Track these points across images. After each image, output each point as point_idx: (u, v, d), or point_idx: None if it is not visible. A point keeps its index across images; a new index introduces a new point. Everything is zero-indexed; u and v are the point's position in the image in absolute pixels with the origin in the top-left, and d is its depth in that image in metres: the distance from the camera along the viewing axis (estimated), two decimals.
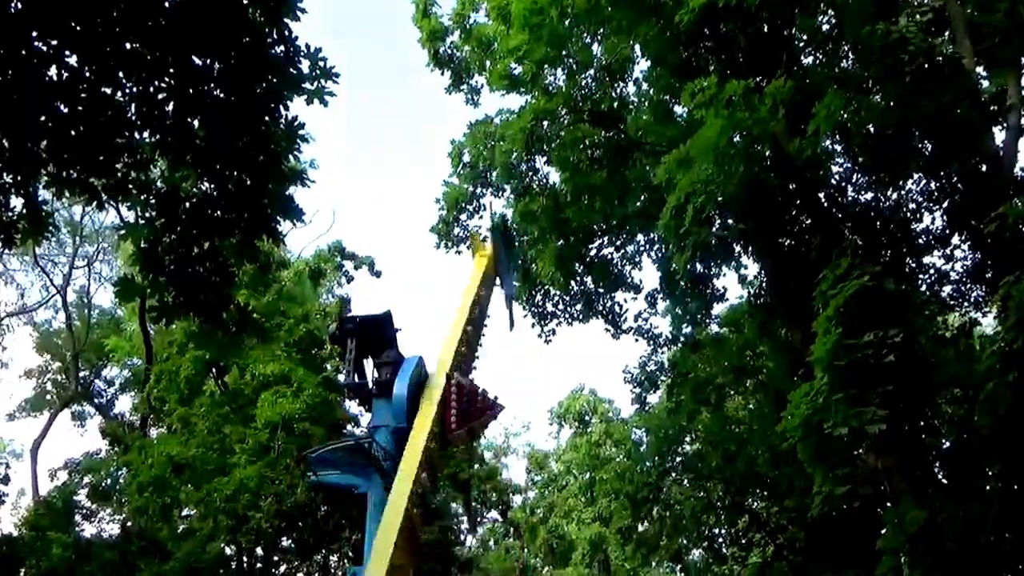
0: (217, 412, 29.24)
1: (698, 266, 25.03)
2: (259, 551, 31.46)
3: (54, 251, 40.66)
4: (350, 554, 29.71)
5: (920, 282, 19.83)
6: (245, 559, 31.17)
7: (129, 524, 28.92)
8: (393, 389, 18.14)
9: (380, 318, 19.40)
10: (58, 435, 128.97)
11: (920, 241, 20.23)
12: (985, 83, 18.84)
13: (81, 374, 42.50)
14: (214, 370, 31.49)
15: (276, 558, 32.38)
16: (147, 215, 7.01)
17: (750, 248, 23.29)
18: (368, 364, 19.28)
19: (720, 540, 25.96)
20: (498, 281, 25.52)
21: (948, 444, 15.86)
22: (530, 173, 27.51)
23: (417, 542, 17.17)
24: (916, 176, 19.80)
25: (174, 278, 6.91)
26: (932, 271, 20.45)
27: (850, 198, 20.83)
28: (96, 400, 44.02)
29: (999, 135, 17.60)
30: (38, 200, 6.95)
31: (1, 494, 29.61)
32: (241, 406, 29.22)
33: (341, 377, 25.66)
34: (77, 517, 29.97)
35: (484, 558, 45.48)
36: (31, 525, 27.70)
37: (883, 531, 14.22)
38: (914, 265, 20.04)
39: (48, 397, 44.31)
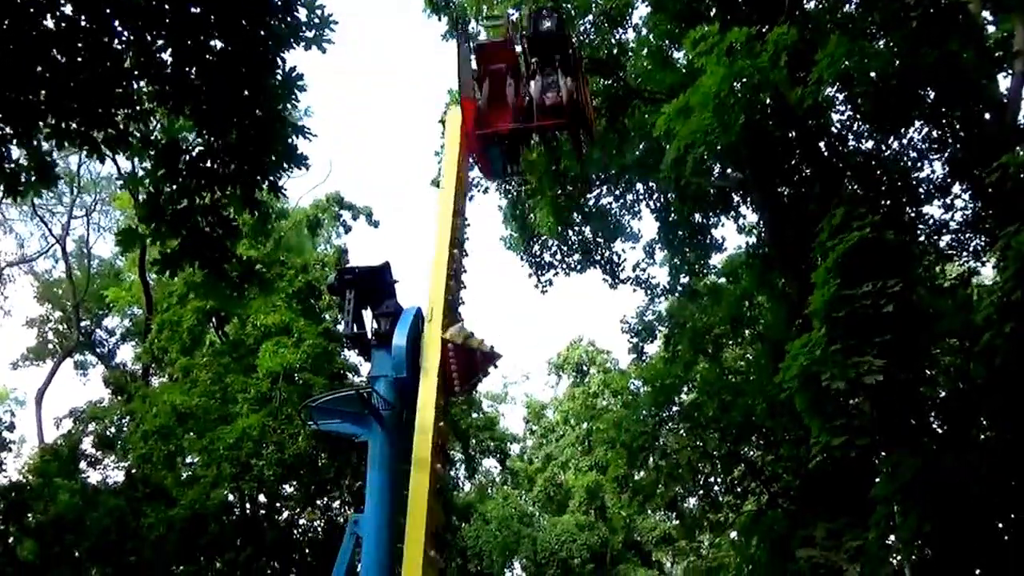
0: (219, 362, 29.43)
1: (697, 216, 25.07)
2: (262, 498, 31.88)
3: (52, 201, 40.53)
4: (351, 501, 30.10)
5: (919, 232, 19.81)
6: (248, 506, 31.60)
7: (134, 472, 29.22)
8: (392, 340, 18.13)
9: (379, 269, 19.27)
10: (61, 384, 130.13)
11: (920, 191, 20.18)
12: (991, 28, 18.61)
13: (82, 324, 42.64)
14: (214, 320, 31.63)
15: (278, 504, 32.83)
16: (147, 166, 7.00)
17: (749, 198, 23.29)
18: (367, 315, 19.23)
19: (715, 488, 26.22)
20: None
21: (944, 394, 15.98)
22: None
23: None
24: (918, 124, 19.70)
25: (176, 229, 6.92)
26: (932, 221, 20.44)
27: (851, 147, 20.74)
28: (98, 349, 44.26)
29: (1004, 82, 17.49)
30: (41, 151, 6.94)
31: (6, 441, 29.86)
32: (242, 356, 29.41)
33: (340, 327, 25.69)
34: (82, 464, 30.26)
35: (482, 505, 46.06)
36: (38, 472, 27.99)
37: (877, 480, 14.39)
38: (913, 215, 20.01)
39: (50, 346, 44.53)
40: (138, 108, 6.85)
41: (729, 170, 21.54)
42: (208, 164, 6.88)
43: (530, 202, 28.34)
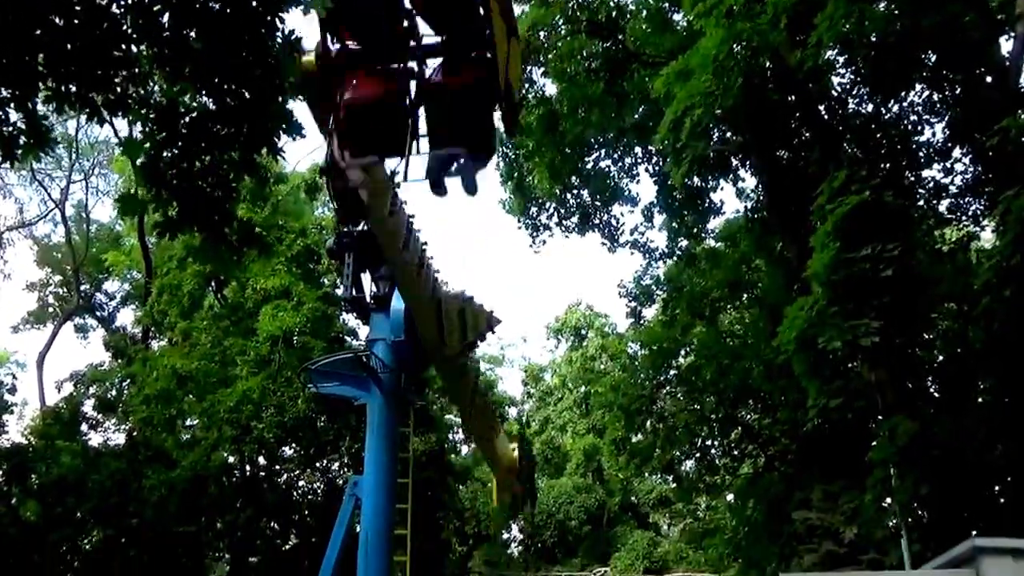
0: (218, 325, 29.54)
1: (695, 179, 24.96)
2: (261, 460, 32.15)
3: (51, 166, 40.49)
4: (350, 463, 30.33)
5: (919, 196, 19.76)
6: (248, 467, 31.86)
7: (135, 434, 29.42)
8: (391, 303, 18.19)
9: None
10: (62, 347, 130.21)
11: (920, 154, 20.09)
12: None
13: (82, 287, 42.78)
14: (214, 284, 31.69)
15: (278, 467, 33.08)
16: (146, 130, 6.97)
17: (748, 162, 23.20)
18: (366, 278, 19.26)
19: (712, 451, 26.34)
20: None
21: (942, 358, 16.05)
22: (525, 85, 27.20)
23: None
24: (918, 88, 19.55)
25: (176, 193, 6.91)
26: (931, 185, 20.37)
27: (850, 111, 20.62)
28: (98, 313, 44.46)
29: (1005, 46, 17.37)
30: (38, 114, 6.90)
31: (8, 404, 30.02)
32: (241, 320, 29.52)
33: (339, 291, 25.78)
34: (84, 427, 30.46)
35: (480, 468, 46.43)
36: (40, 434, 28.18)
37: (874, 443, 14.50)
38: (913, 179, 19.94)
39: (50, 310, 44.74)
40: (137, 71, 6.81)
41: (728, 133, 21.43)
42: (207, 127, 6.86)
43: (527, 165, 28.27)
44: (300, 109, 7.09)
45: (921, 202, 19.61)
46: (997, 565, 6.19)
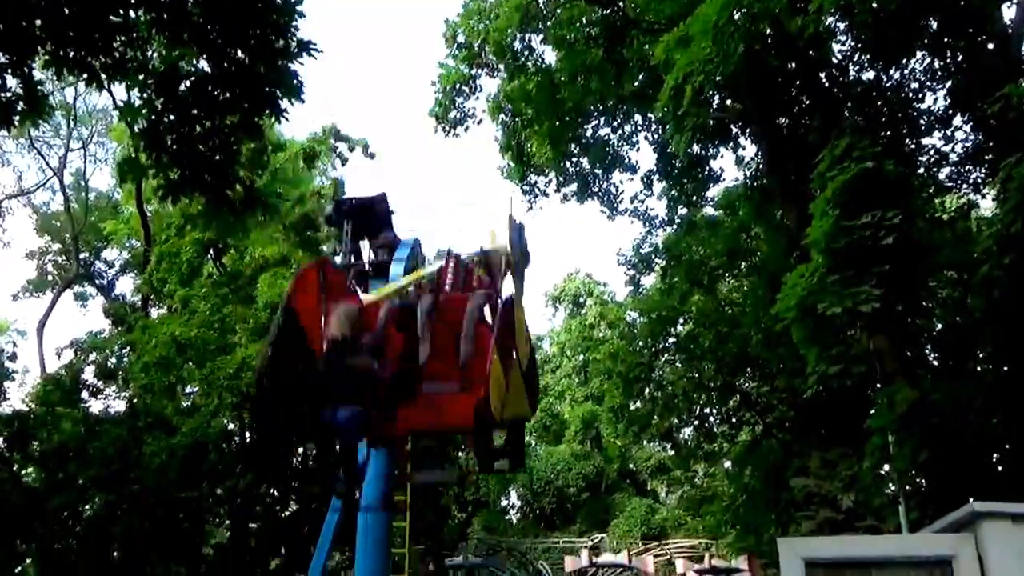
0: (217, 293, 29.51)
1: (695, 147, 24.89)
2: None
3: (49, 133, 40.35)
4: None
5: (919, 164, 19.71)
6: (248, 434, 31.95)
7: (135, 401, 29.49)
8: (389, 270, 18.18)
9: (375, 200, 19.19)
10: (62, 315, 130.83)
11: (921, 122, 20.02)
12: None
13: (81, 256, 42.78)
14: (212, 252, 31.67)
15: None
16: (146, 95, 6.94)
17: (748, 129, 23.12)
18: (364, 246, 19.24)
19: (710, 419, 26.51)
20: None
21: (941, 326, 16.09)
22: (525, 52, 27.05)
23: None
24: (920, 55, 19.46)
25: (177, 157, 6.89)
26: (932, 152, 20.32)
27: (851, 78, 20.52)
28: (97, 281, 44.47)
29: (1008, 12, 17.26)
30: (34, 80, 6.86)
31: (9, 371, 30.08)
32: (240, 287, 29.50)
33: (338, 259, 25.69)
34: (84, 394, 30.48)
35: None
36: (41, 401, 28.23)
37: (872, 411, 14.56)
38: (913, 146, 19.89)
39: (50, 278, 44.80)
40: (135, 35, 6.77)
41: (728, 101, 21.34)
42: (207, 91, 6.82)
43: (526, 132, 28.18)
44: (303, 66, 7.00)
45: (921, 170, 19.57)
46: (996, 529, 6.24)
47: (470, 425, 9.80)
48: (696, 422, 26.70)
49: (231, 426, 30.55)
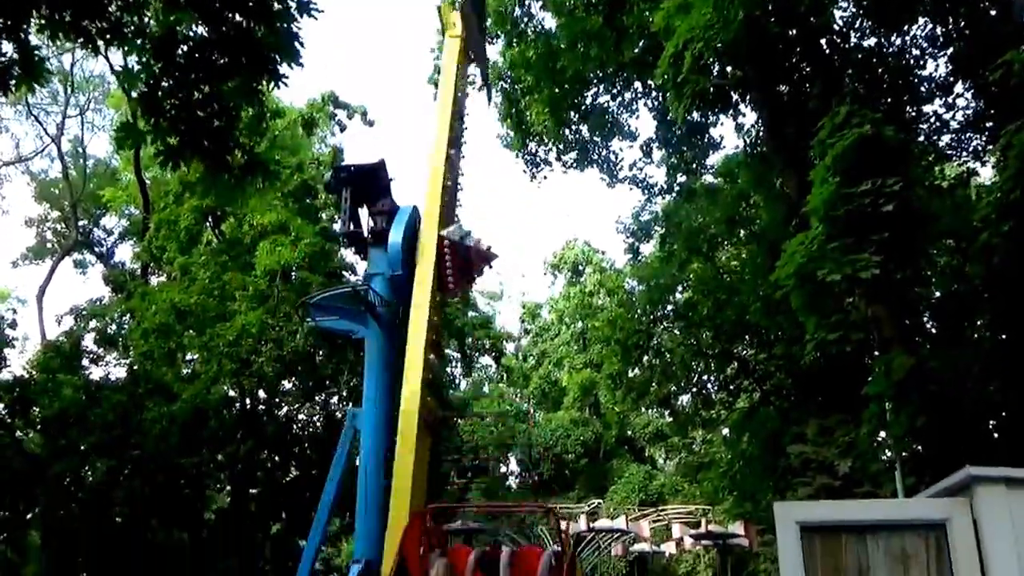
0: (216, 261, 29.54)
1: (695, 115, 24.76)
2: (261, 393, 32.40)
3: (46, 100, 40.19)
4: (348, 396, 30.60)
5: (920, 131, 19.63)
6: (248, 401, 32.13)
7: (135, 368, 29.60)
8: (388, 237, 18.20)
9: (374, 167, 19.21)
10: (61, 282, 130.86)
11: (922, 89, 19.91)
12: None
13: (80, 223, 42.76)
14: (211, 219, 31.64)
15: (278, 400, 33.36)
16: (143, 60, 6.87)
17: (748, 96, 22.95)
18: (363, 213, 19.25)
19: (708, 386, 26.61)
20: (472, 55, 22.56)
21: (939, 294, 16.09)
22: (524, 19, 26.85)
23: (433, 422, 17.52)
24: (921, 21, 19.32)
25: (175, 122, 6.83)
26: (932, 119, 20.23)
27: (852, 44, 20.37)
28: (96, 249, 44.48)
29: None
30: (30, 45, 6.80)
31: (9, 338, 30.15)
32: (239, 255, 29.51)
33: (337, 226, 25.72)
34: (84, 361, 30.60)
35: (478, 402, 46.81)
36: (42, 368, 28.33)
37: (870, 378, 14.59)
38: (914, 113, 19.80)
39: (49, 245, 44.83)
40: None
41: (729, 68, 21.20)
42: (206, 56, 6.76)
43: (526, 100, 28.04)
44: (304, 28, 6.91)
45: (922, 137, 19.50)
46: (991, 493, 6.30)
47: None
48: (694, 389, 26.80)
49: (231, 393, 30.71)
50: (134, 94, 6.99)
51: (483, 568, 13.45)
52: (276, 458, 32.20)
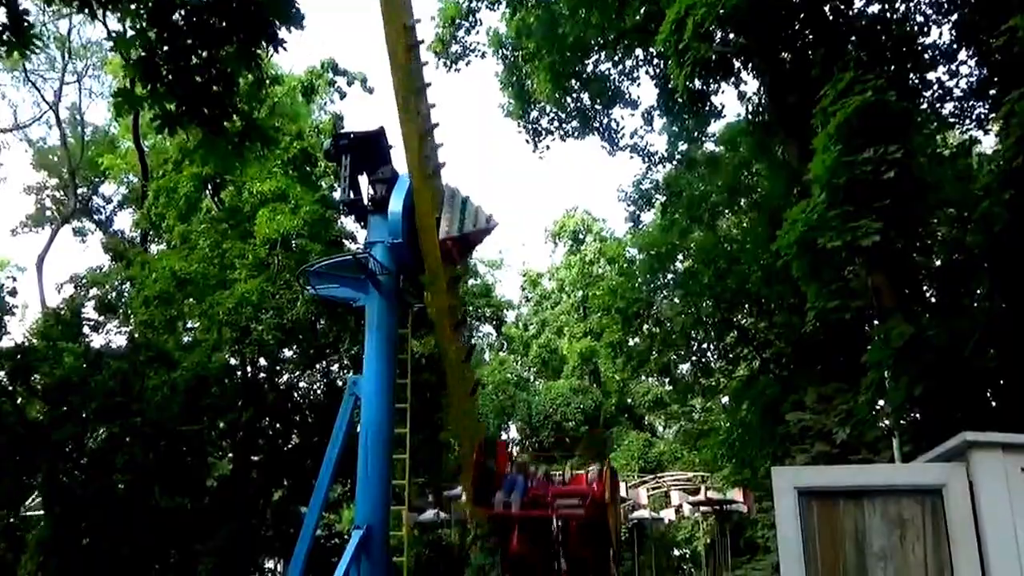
0: (216, 228, 29.52)
1: (696, 82, 24.57)
2: (262, 361, 32.49)
3: (44, 67, 39.97)
4: (349, 365, 30.69)
5: (923, 99, 19.52)
6: (249, 369, 32.23)
7: (136, 336, 29.67)
8: (388, 205, 18.17)
9: (374, 135, 19.13)
10: (61, 250, 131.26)
11: (925, 56, 19.78)
12: None
13: (79, 191, 42.69)
14: (210, 187, 31.57)
15: (278, 368, 33.47)
16: (140, 25, 6.80)
17: (750, 64, 22.79)
18: (363, 181, 19.20)
19: (708, 354, 26.68)
20: None
21: (939, 263, 16.07)
22: None
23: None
24: None
25: (173, 88, 6.78)
26: (936, 87, 20.11)
27: (855, 11, 20.21)
28: (95, 216, 44.45)
29: None
30: (19, 8, 6.73)
31: (9, 306, 30.18)
32: (239, 223, 29.48)
33: (337, 194, 25.67)
34: (85, 329, 30.64)
35: (478, 370, 46.98)
36: (42, 335, 28.37)
37: (869, 347, 14.62)
38: (917, 81, 19.68)
39: (48, 213, 44.80)
40: None
41: (731, 35, 21.04)
42: (203, 21, 6.70)
43: (527, 68, 27.87)
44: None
45: (925, 105, 19.39)
46: (986, 458, 6.33)
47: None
48: (694, 357, 26.86)
49: (232, 361, 30.79)
50: (131, 60, 6.94)
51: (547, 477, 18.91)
52: (277, 425, 32.35)
